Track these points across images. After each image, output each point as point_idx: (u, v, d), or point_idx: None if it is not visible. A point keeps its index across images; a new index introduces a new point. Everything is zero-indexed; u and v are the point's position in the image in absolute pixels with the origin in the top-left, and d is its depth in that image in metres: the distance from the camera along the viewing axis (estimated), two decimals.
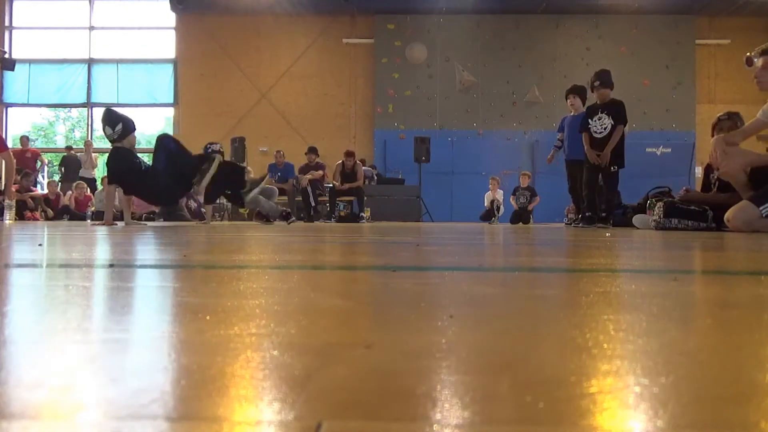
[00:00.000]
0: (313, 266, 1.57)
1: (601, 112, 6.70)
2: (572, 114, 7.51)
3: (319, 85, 15.63)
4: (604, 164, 6.63)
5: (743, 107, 5.18)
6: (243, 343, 0.57)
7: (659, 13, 14.85)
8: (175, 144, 6.60)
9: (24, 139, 13.20)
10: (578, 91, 7.53)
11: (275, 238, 3.29)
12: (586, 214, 6.90)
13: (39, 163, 13.20)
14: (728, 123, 5.54)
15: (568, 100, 7.59)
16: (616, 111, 6.66)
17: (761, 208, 4.42)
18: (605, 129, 6.65)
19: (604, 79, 6.74)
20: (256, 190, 6.64)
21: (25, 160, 12.87)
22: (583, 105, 7.40)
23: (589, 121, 6.79)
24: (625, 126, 6.65)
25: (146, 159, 6.93)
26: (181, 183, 6.67)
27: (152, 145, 7.87)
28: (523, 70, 15.20)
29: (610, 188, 6.68)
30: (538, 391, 0.42)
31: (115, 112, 6.44)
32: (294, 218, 7.57)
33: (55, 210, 12.03)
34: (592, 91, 6.89)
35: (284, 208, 7.64)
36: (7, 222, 8.14)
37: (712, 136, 5.52)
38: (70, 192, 12.64)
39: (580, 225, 6.82)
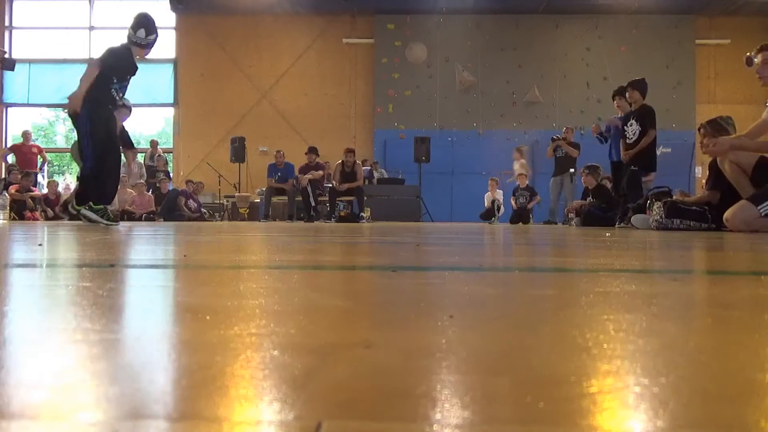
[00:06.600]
0: (313, 266, 1.57)
1: (633, 118, 7.02)
2: (618, 115, 7.81)
3: (319, 85, 15.63)
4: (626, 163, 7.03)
5: (743, 107, 5.17)
6: (243, 343, 0.57)
7: (659, 12, 14.85)
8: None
9: (26, 134, 13.12)
10: (622, 92, 7.73)
11: (275, 238, 3.29)
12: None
13: (41, 160, 13.13)
14: (710, 130, 5.48)
15: (615, 102, 7.87)
16: (641, 118, 6.95)
17: (760, 207, 4.42)
18: (635, 134, 6.96)
19: (634, 84, 7.08)
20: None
21: (29, 155, 12.79)
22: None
23: (625, 127, 7.16)
24: (654, 131, 6.93)
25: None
26: None
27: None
28: (523, 70, 15.20)
29: (628, 187, 7.01)
30: (538, 391, 0.42)
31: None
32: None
33: (54, 210, 12.01)
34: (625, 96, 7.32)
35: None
36: (0, 222, 8.10)
37: (702, 138, 5.53)
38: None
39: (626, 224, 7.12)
